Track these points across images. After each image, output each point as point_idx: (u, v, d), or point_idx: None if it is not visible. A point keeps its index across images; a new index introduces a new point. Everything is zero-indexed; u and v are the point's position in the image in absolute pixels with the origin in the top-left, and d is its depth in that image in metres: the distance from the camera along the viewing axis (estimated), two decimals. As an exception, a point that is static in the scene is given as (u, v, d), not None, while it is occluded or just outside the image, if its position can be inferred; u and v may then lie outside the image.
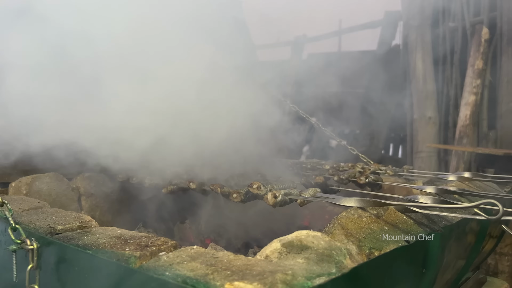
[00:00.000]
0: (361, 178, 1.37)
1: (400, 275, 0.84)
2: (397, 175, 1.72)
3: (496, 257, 2.60)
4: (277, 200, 1.04)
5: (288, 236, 0.73)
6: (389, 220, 0.92)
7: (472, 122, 3.83)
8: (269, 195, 1.05)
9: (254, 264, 0.63)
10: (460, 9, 4.53)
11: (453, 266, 1.17)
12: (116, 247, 0.75)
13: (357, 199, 0.91)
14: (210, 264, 0.64)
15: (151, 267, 0.66)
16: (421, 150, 4.48)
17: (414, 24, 4.69)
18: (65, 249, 0.80)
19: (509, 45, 3.79)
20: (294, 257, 0.68)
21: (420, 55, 4.62)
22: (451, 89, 4.53)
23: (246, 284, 0.56)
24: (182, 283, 0.59)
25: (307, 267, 0.64)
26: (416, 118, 4.60)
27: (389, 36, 5.65)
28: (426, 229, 0.95)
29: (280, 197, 1.04)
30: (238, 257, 0.67)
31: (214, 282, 0.57)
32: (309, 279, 0.59)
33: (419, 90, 4.59)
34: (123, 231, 0.86)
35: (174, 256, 0.69)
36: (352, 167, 1.75)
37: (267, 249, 0.71)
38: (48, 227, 0.91)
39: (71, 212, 1.05)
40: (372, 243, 0.80)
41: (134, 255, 0.71)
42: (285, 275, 0.58)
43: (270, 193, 1.06)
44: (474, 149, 3.51)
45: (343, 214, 0.87)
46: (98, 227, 0.94)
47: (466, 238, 1.17)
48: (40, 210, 1.11)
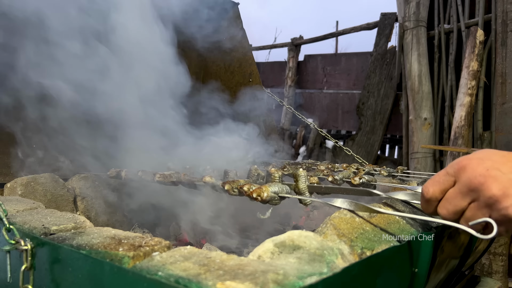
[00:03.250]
0: (355, 178, 1.37)
1: (392, 274, 0.85)
2: (391, 176, 1.73)
3: (490, 257, 2.62)
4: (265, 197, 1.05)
5: (281, 236, 0.74)
6: (382, 220, 0.93)
7: (467, 123, 3.85)
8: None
9: (247, 264, 0.64)
10: (455, 11, 4.56)
11: (446, 266, 1.18)
12: (110, 247, 0.75)
13: (344, 200, 0.91)
14: (202, 264, 0.65)
15: (144, 267, 0.66)
16: (417, 151, 4.50)
17: (409, 26, 4.71)
18: (59, 249, 0.80)
19: (503, 47, 3.82)
20: (286, 257, 0.68)
21: (415, 56, 4.64)
22: (446, 91, 4.56)
23: (238, 283, 0.56)
24: (175, 283, 0.60)
25: (299, 266, 0.64)
26: (412, 119, 4.62)
27: (385, 37, 5.67)
28: (418, 228, 0.96)
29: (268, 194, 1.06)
30: (230, 257, 0.68)
31: (206, 282, 0.58)
32: (301, 278, 0.59)
33: (414, 91, 4.61)
34: (117, 232, 0.86)
35: (167, 256, 0.70)
36: (347, 167, 1.76)
37: (260, 249, 0.72)
38: (42, 228, 0.91)
39: (66, 213, 1.06)
40: (364, 243, 0.80)
41: (128, 255, 0.71)
42: (277, 275, 0.59)
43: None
44: (469, 150, 3.52)
45: (335, 214, 0.88)
46: (92, 227, 0.94)
47: (459, 237, 1.18)
48: (35, 210, 1.11)
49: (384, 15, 5.83)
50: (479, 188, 0.70)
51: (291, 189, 1.13)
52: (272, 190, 1.07)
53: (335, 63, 6.99)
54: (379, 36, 5.80)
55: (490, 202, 0.69)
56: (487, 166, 0.70)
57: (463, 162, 0.74)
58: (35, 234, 0.88)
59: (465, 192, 0.72)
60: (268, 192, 1.06)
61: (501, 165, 0.70)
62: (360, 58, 6.62)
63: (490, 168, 0.70)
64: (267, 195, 1.05)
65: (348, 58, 6.84)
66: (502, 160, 0.71)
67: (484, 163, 0.71)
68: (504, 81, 3.76)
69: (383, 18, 5.82)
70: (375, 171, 1.72)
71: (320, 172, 1.59)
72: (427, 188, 0.78)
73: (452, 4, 4.59)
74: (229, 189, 1.23)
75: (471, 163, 0.73)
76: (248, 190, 1.10)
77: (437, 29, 4.72)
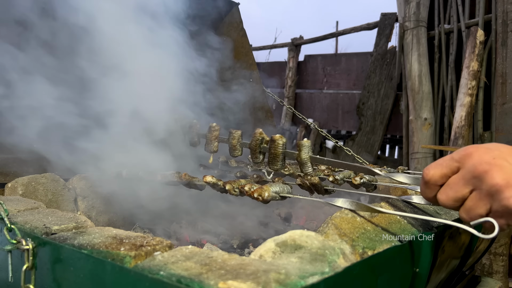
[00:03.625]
0: (356, 178, 1.37)
1: (393, 274, 0.85)
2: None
3: (491, 257, 2.62)
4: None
5: (282, 236, 0.74)
6: (383, 220, 0.93)
7: (467, 123, 3.85)
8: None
9: (248, 264, 0.64)
10: (455, 11, 4.56)
11: (446, 266, 1.18)
12: (111, 247, 0.75)
13: (345, 200, 0.91)
14: (204, 263, 0.65)
15: (146, 266, 0.66)
16: (417, 151, 4.50)
17: (410, 26, 4.71)
18: (60, 249, 0.80)
19: (503, 47, 3.82)
20: (288, 257, 0.68)
21: (415, 56, 4.64)
22: (446, 91, 4.55)
23: (240, 283, 0.56)
24: (177, 282, 0.60)
25: (301, 266, 0.64)
26: (412, 119, 4.61)
27: (385, 37, 5.68)
28: (419, 228, 0.96)
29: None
30: (232, 256, 0.68)
31: (208, 281, 0.58)
32: (302, 278, 0.60)
33: (414, 92, 4.61)
34: (118, 231, 0.86)
35: (169, 256, 0.70)
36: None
37: (261, 249, 0.72)
38: (43, 227, 0.91)
39: (67, 213, 1.06)
40: (365, 243, 0.80)
41: (129, 255, 0.71)
42: (279, 274, 0.59)
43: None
44: (469, 150, 3.53)
45: (337, 214, 0.88)
46: (93, 227, 0.94)
47: (459, 237, 1.18)
48: (36, 210, 1.11)
49: (384, 15, 5.83)
50: (482, 176, 0.68)
51: (294, 166, 1.12)
52: (273, 190, 1.07)
53: (335, 63, 6.99)
54: (379, 36, 5.80)
55: (492, 191, 0.67)
56: (494, 155, 0.69)
57: (470, 149, 0.73)
58: (36, 234, 0.88)
59: (468, 179, 0.71)
60: (269, 192, 1.06)
61: (508, 156, 0.69)
62: (360, 58, 6.62)
63: (496, 157, 0.69)
64: (268, 195, 1.06)
65: (348, 58, 6.84)
66: (510, 151, 0.70)
67: (491, 152, 0.70)
68: (504, 81, 3.76)
69: (383, 18, 5.82)
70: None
71: (320, 172, 1.60)
72: (428, 170, 0.76)
73: (452, 4, 4.59)
74: (230, 189, 1.23)
75: (478, 151, 0.72)
76: (249, 190, 1.11)
77: (437, 29, 4.72)
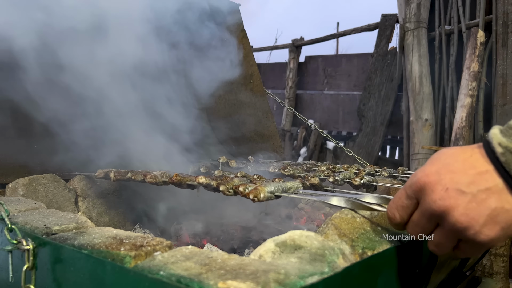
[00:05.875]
0: (356, 179, 1.38)
1: (393, 275, 0.85)
2: (392, 177, 1.74)
3: (491, 258, 2.61)
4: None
5: (282, 236, 0.74)
6: (383, 220, 0.93)
7: (468, 124, 3.85)
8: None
9: (248, 264, 0.64)
10: (456, 12, 4.56)
11: (446, 267, 1.18)
12: (112, 247, 0.75)
13: (341, 198, 0.91)
14: (204, 263, 0.65)
15: (146, 266, 0.67)
16: (418, 152, 4.50)
17: (410, 27, 4.72)
18: (61, 249, 0.81)
19: (504, 48, 3.82)
20: (288, 257, 0.68)
21: (416, 57, 4.64)
22: (447, 92, 4.56)
23: (239, 283, 0.56)
24: (176, 282, 0.60)
25: (300, 266, 0.64)
26: (413, 120, 4.62)
27: (386, 39, 5.68)
28: (419, 229, 0.96)
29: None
30: (232, 256, 0.68)
31: (208, 281, 0.58)
32: (302, 278, 0.60)
33: (415, 93, 4.61)
34: (118, 232, 0.87)
35: (169, 256, 0.70)
36: (348, 168, 1.76)
37: (261, 249, 0.72)
38: (44, 228, 0.91)
39: (68, 213, 1.06)
40: (365, 243, 0.80)
41: (129, 255, 0.72)
42: (278, 274, 0.59)
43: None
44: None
45: (336, 214, 0.88)
46: (94, 227, 0.94)
47: (459, 238, 1.18)
48: (37, 211, 1.11)
49: (385, 17, 5.83)
50: (441, 215, 0.65)
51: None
52: (268, 190, 1.06)
53: (336, 64, 7.00)
54: (379, 38, 5.81)
55: (455, 229, 0.64)
56: (446, 185, 0.64)
57: (421, 181, 0.68)
58: (37, 234, 0.88)
59: (428, 217, 0.68)
60: (264, 192, 1.04)
61: (461, 177, 0.64)
62: (361, 59, 6.63)
63: (449, 188, 0.64)
64: (264, 196, 1.04)
65: (349, 59, 6.85)
66: (463, 167, 0.65)
67: (442, 180, 0.65)
68: (505, 82, 3.76)
69: (384, 19, 5.83)
70: (376, 172, 1.73)
71: (321, 173, 1.60)
72: (394, 215, 0.74)
73: (452, 5, 4.59)
74: (224, 189, 1.20)
75: (429, 181, 0.66)
76: (244, 191, 1.09)
77: (437, 30, 4.72)
